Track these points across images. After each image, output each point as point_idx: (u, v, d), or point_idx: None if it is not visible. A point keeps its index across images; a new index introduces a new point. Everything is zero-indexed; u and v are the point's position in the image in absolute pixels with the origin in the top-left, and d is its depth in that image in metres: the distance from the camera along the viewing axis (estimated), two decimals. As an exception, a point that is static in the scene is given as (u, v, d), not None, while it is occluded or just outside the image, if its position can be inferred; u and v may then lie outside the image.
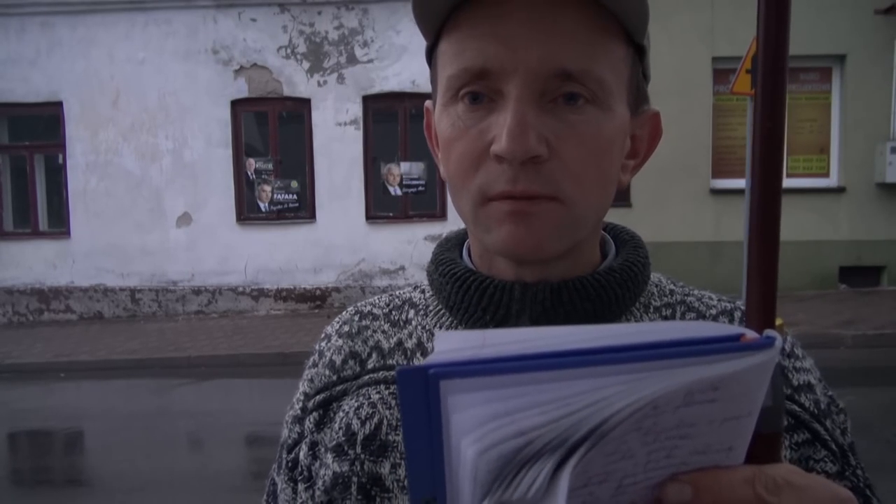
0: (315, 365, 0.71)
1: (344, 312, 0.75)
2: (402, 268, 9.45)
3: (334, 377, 0.68)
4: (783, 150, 0.40)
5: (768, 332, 0.34)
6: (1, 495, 4.22)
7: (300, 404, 0.70)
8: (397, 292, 0.75)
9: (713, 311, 0.66)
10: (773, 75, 0.39)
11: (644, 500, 0.36)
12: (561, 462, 0.31)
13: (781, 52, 0.39)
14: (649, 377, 0.31)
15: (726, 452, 0.36)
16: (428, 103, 0.68)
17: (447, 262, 0.68)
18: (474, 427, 0.31)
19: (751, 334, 0.34)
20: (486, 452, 0.31)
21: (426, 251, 8.61)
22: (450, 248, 0.71)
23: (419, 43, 0.63)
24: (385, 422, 0.63)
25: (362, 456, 0.62)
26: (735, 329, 0.34)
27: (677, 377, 0.31)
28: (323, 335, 0.74)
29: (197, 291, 9.65)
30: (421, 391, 0.31)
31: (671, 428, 0.33)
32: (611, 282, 0.62)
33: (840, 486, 0.37)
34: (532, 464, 0.31)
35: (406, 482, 0.59)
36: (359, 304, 0.75)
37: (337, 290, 9.53)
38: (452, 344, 0.33)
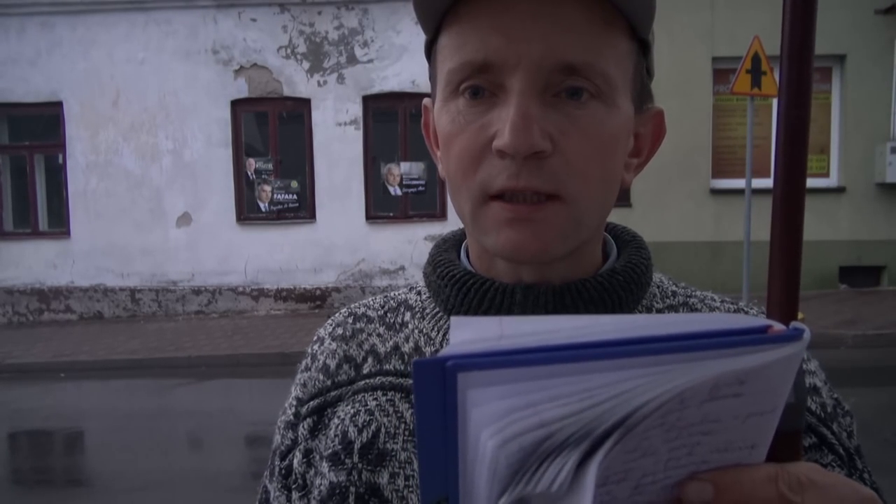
0: (308, 369, 0.69)
1: (337, 314, 0.73)
2: (402, 268, 9.45)
3: (328, 382, 0.66)
4: (808, 140, 0.39)
5: (795, 323, 0.33)
6: (1, 495, 4.22)
7: (293, 409, 0.68)
8: (392, 293, 0.73)
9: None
10: (799, 64, 0.38)
11: (662, 499, 0.35)
12: (585, 456, 0.30)
13: (808, 42, 0.38)
14: (675, 369, 0.30)
15: (748, 450, 0.35)
16: (426, 101, 0.66)
17: (445, 264, 0.66)
18: (494, 420, 0.30)
19: (777, 326, 0.33)
20: (506, 444, 0.30)
21: (426, 251, 8.56)
22: (447, 249, 0.69)
23: (419, 43, 0.63)
24: (383, 429, 0.61)
25: (360, 465, 0.60)
26: (761, 321, 0.33)
27: (704, 370, 0.30)
28: (315, 338, 0.72)
29: (197, 291, 9.65)
30: (437, 384, 0.30)
31: (695, 423, 0.32)
32: (613, 284, 0.61)
33: (863, 486, 0.36)
34: (554, 457, 0.30)
35: (405, 492, 0.58)
36: (352, 306, 0.73)
37: (337, 290, 9.52)
38: (468, 332, 0.32)
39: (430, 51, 0.60)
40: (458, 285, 0.63)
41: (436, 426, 0.31)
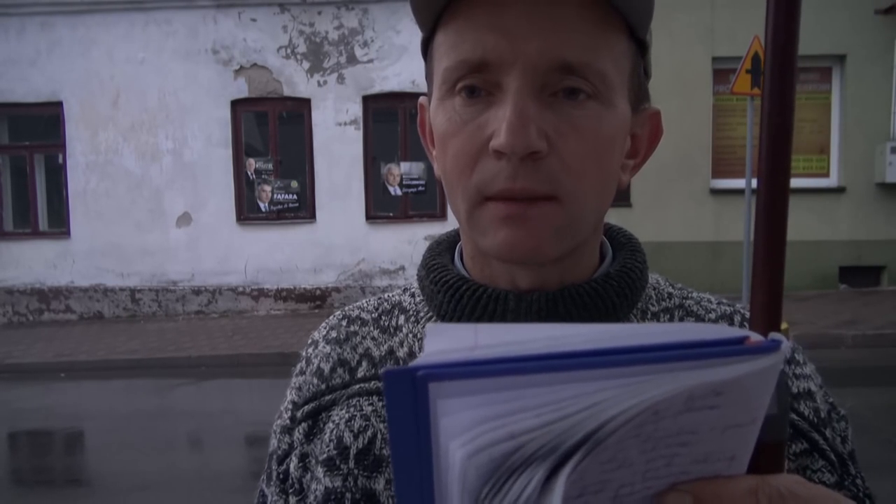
0: (302, 372, 0.69)
1: (331, 317, 0.73)
2: (402, 268, 9.45)
3: (323, 386, 0.66)
4: (791, 147, 0.38)
5: (773, 335, 0.33)
6: (1, 495, 4.22)
7: (289, 413, 0.68)
8: (386, 295, 0.73)
9: (712, 315, 0.65)
10: (781, 68, 0.38)
11: None
12: (554, 469, 0.30)
13: (790, 46, 0.38)
14: (649, 381, 0.30)
15: (728, 461, 0.34)
16: (422, 99, 0.65)
17: (439, 269, 0.65)
18: (463, 430, 0.30)
19: (755, 337, 0.32)
20: (475, 456, 0.30)
21: (426, 251, 8.57)
22: (441, 253, 0.69)
23: (419, 43, 0.62)
24: (379, 435, 0.60)
25: (356, 471, 0.60)
26: (739, 332, 0.33)
27: (678, 381, 0.30)
28: (310, 341, 0.72)
29: (197, 291, 9.65)
30: (409, 394, 0.30)
31: (671, 435, 0.32)
32: (608, 290, 0.60)
33: (845, 498, 0.36)
34: (522, 470, 0.30)
35: None
36: (346, 309, 0.73)
37: (337, 290, 9.52)
38: (442, 341, 0.31)
39: (427, 48, 0.60)
40: (450, 291, 0.63)
41: (409, 437, 0.30)
